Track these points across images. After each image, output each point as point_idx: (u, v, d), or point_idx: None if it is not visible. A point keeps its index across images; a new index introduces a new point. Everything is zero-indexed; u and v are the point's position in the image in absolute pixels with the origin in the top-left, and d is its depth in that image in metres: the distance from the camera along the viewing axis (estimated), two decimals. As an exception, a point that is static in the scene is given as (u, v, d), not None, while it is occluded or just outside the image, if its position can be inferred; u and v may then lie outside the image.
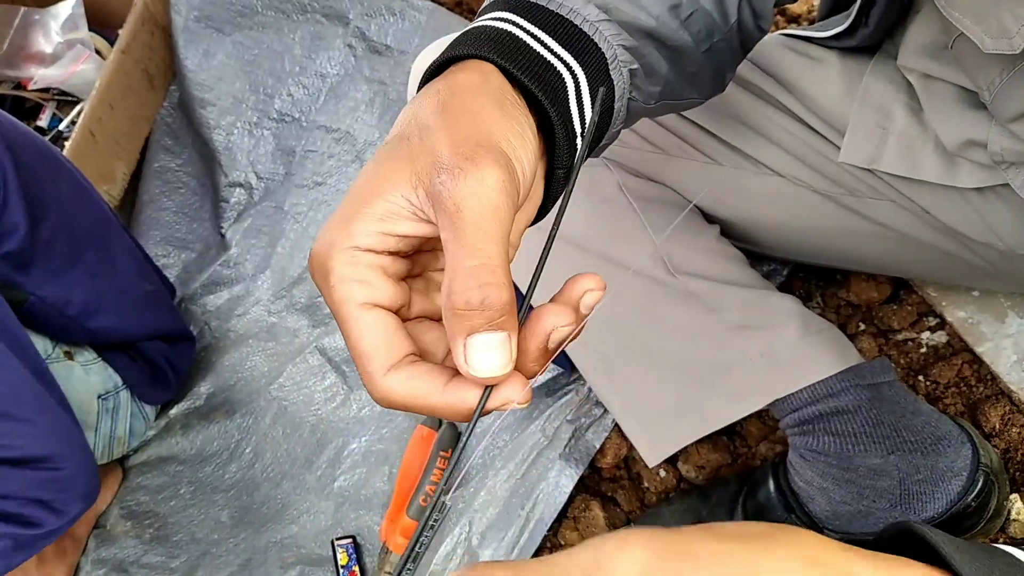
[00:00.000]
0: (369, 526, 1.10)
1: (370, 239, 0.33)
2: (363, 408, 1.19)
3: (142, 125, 1.46)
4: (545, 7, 0.42)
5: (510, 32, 0.39)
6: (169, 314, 1.21)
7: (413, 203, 0.33)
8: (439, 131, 0.33)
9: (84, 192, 1.06)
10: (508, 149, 0.34)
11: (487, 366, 0.31)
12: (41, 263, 0.97)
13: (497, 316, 0.31)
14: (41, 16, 1.43)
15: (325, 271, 0.33)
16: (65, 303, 1.00)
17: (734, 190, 0.83)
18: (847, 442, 0.77)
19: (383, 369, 0.32)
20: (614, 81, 0.43)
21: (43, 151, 0.99)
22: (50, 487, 0.87)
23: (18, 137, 0.94)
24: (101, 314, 1.05)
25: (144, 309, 1.14)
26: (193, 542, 1.17)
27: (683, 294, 0.81)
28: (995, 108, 0.62)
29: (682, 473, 1.00)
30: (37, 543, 0.89)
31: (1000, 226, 0.72)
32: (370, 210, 0.33)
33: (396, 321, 0.33)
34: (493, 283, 0.31)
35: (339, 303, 0.33)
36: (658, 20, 0.47)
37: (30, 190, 0.93)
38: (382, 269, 0.33)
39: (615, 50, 0.43)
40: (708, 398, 0.82)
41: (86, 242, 1.03)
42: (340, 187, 1.35)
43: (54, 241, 0.98)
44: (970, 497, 0.77)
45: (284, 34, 1.42)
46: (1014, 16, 0.53)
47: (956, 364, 0.93)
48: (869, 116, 0.74)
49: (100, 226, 1.07)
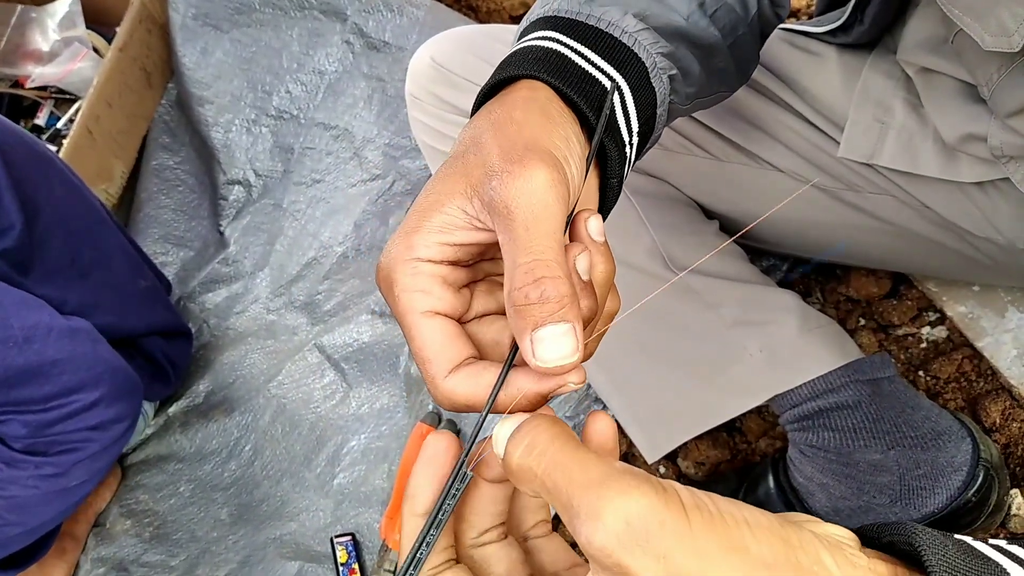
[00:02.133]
0: (368, 523, 1.10)
1: (430, 250, 0.34)
2: (362, 406, 1.18)
3: (140, 123, 1.46)
4: (585, 23, 0.43)
5: (555, 50, 0.41)
6: (165, 310, 1.21)
7: (469, 213, 0.34)
8: (490, 143, 0.35)
9: (76, 190, 1.05)
10: (555, 151, 0.35)
11: (554, 356, 0.31)
12: (38, 262, 0.97)
13: (558, 308, 0.31)
14: (38, 14, 1.43)
15: (389, 283, 0.35)
16: (62, 302, 0.99)
17: (733, 185, 0.83)
18: (847, 438, 0.77)
19: (444, 372, 0.34)
20: (655, 89, 0.44)
21: (32, 150, 0.98)
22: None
23: (7, 136, 0.93)
24: (98, 312, 1.04)
25: (140, 305, 1.14)
26: (192, 540, 1.17)
27: (682, 290, 0.80)
28: (994, 103, 0.62)
29: (681, 469, 1.00)
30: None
31: (1000, 221, 0.72)
32: (429, 223, 0.34)
33: (456, 327, 0.35)
34: (549, 276, 0.31)
35: (403, 312, 0.34)
36: (689, 20, 0.49)
37: (22, 188, 0.92)
38: (442, 279, 0.35)
39: (654, 59, 0.44)
40: (707, 394, 0.81)
41: (80, 240, 1.03)
42: (338, 184, 1.35)
43: (48, 240, 0.97)
44: (970, 492, 0.77)
45: (282, 31, 1.41)
46: (1013, 15, 0.53)
47: (956, 359, 0.93)
48: (868, 111, 0.73)
49: (93, 224, 1.07)
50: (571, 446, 0.28)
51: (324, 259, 1.31)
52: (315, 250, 1.32)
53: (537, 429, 0.29)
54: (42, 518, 0.96)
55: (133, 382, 0.99)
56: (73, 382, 0.90)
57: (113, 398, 0.95)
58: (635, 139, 0.42)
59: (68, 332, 0.91)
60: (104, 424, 0.94)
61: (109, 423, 0.95)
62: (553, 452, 0.28)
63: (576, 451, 0.28)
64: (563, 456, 0.28)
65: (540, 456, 0.28)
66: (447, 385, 0.34)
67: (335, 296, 1.29)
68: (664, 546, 0.24)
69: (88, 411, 0.92)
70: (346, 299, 1.28)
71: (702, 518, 0.25)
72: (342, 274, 1.30)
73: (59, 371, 0.89)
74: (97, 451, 0.95)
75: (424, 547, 0.31)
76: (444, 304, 0.35)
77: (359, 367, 1.21)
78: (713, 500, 0.27)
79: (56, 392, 0.89)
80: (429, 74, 0.80)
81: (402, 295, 0.34)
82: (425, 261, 0.34)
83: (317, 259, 1.32)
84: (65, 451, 0.93)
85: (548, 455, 0.28)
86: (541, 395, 0.33)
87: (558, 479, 0.27)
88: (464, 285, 0.37)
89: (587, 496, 0.26)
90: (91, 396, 0.92)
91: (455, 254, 0.35)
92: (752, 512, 0.26)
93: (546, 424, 0.29)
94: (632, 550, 0.24)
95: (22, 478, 0.90)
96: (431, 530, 0.31)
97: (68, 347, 0.90)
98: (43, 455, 0.91)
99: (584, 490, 0.26)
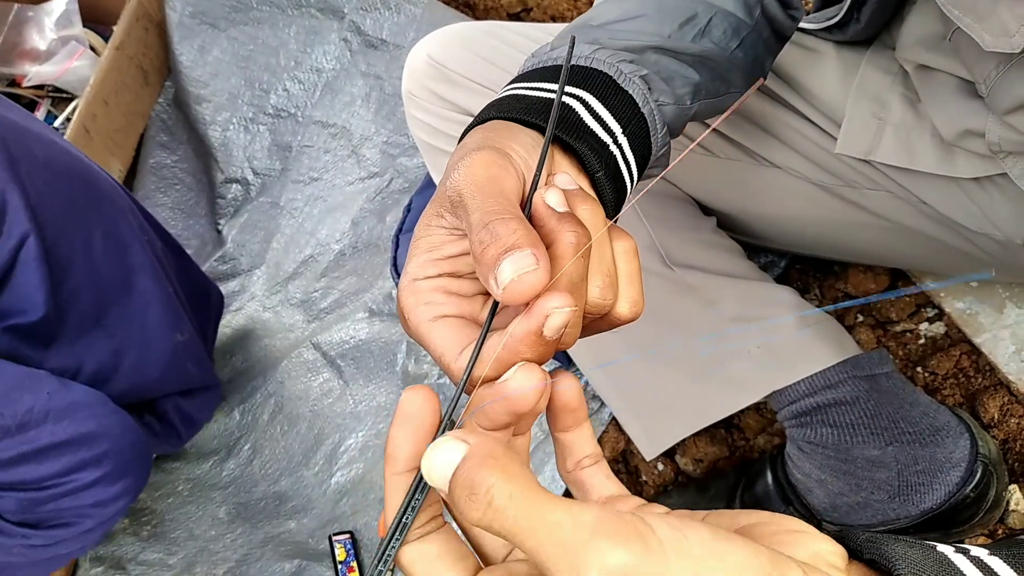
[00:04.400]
0: (367, 522, 1.10)
1: (424, 269, 0.37)
2: (359, 403, 1.18)
3: (137, 122, 1.46)
4: (544, 66, 0.47)
5: (518, 94, 0.45)
6: (196, 366, 1.07)
7: (446, 227, 0.37)
8: (451, 163, 0.38)
9: (123, 231, 0.90)
10: (502, 146, 0.38)
11: (511, 272, 0.31)
12: (61, 333, 0.85)
13: (510, 239, 0.32)
14: (35, 13, 1.43)
15: (400, 310, 0.37)
16: (75, 372, 0.88)
17: (731, 182, 0.83)
18: (845, 433, 0.77)
19: (455, 355, 0.35)
20: (629, 91, 0.46)
21: (77, 182, 0.84)
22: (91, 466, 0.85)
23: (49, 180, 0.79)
24: (114, 380, 0.92)
25: (168, 365, 0.99)
26: (191, 538, 1.17)
27: (680, 286, 0.80)
28: (991, 101, 0.62)
29: (680, 466, 1.00)
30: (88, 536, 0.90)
31: (998, 216, 0.72)
32: (418, 250, 0.37)
33: (463, 321, 0.36)
34: (497, 219, 0.33)
35: (415, 328, 0.36)
36: (668, 38, 0.51)
37: (55, 252, 0.80)
38: (443, 289, 0.37)
39: (618, 67, 0.46)
40: (705, 391, 0.81)
41: (111, 298, 0.89)
42: (336, 182, 1.35)
43: (73, 303, 0.84)
44: (968, 488, 0.77)
45: (279, 29, 1.41)
46: (1014, 15, 0.53)
47: (954, 355, 0.93)
48: (865, 107, 0.73)
49: (129, 270, 0.91)
50: (530, 499, 0.25)
51: (321, 257, 1.31)
52: (312, 248, 1.32)
53: (491, 485, 0.26)
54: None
55: (141, 455, 0.91)
56: (72, 463, 0.83)
57: (116, 476, 0.88)
58: (621, 139, 0.43)
59: (69, 409, 0.83)
60: (103, 502, 0.88)
61: (109, 501, 0.88)
62: (514, 514, 0.25)
63: (538, 507, 0.25)
64: (525, 518, 0.25)
65: (501, 518, 0.25)
66: (458, 365, 0.34)
67: (332, 294, 1.29)
68: None
69: (86, 490, 0.85)
70: (343, 297, 1.28)
71: (681, 566, 0.24)
72: (339, 272, 1.30)
73: (57, 454, 0.82)
74: (92, 527, 0.89)
75: (410, 511, 0.31)
76: (449, 309, 0.36)
77: (356, 364, 1.21)
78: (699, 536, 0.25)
79: (52, 474, 0.82)
80: (426, 71, 0.80)
81: (410, 314, 0.36)
82: (423, 279, 0.37)
83: (314, 257, 1.32)
84: (58, 526, 0.87)
85: (509, 517, 0.25)
86: (531, 333, 0.31)
87: (525, 542, 0.25)
88: (475, 294, 0.38)
89: (562, 565, 0.24)
90: (92, 475, 0.85)
91: (450, 266, 0.37)
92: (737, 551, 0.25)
93: (499, 477, 0.26)
94: None
95: (8, 546, 0.85)
96: (416, 494, 0.31)
97: (68, 428, 0.82)
98: (34, 528, 0.86)
99: (557, 557, 0.24)
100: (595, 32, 0.50)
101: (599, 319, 0.37)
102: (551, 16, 1.35)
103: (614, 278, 0.37)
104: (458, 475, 0.26)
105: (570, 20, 1.31)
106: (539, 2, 1.35)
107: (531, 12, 1.36)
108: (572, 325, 0.33)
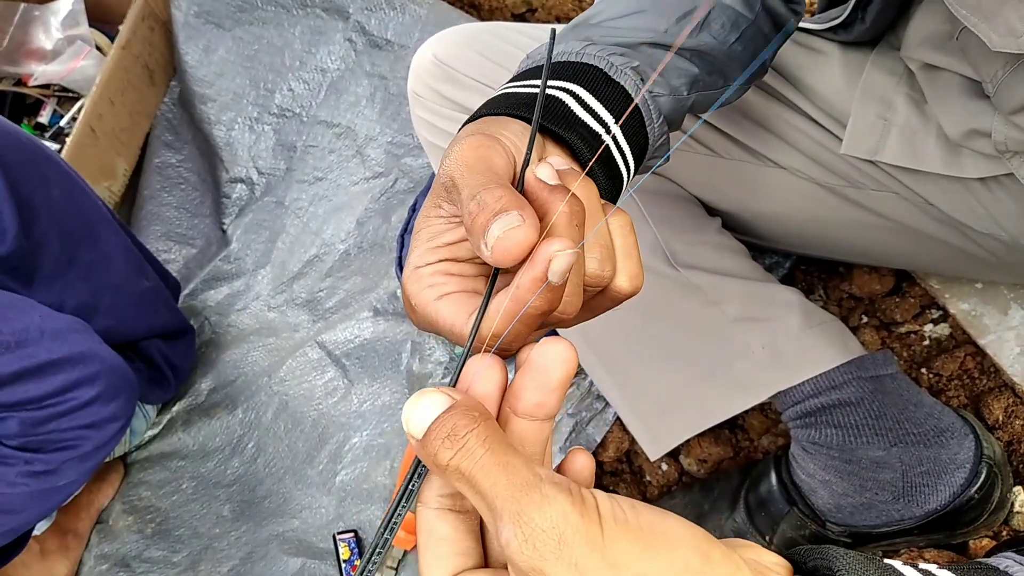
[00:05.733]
0: (371, 520, 1.10)
1: (425, 256, 0.38)
2: (364, 403, 1.19)
3: (143, 121, 1.46)
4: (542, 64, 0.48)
5: (508, 91, 0.46)
6: (168, 310, 1.19)
7: (444, 216, 0.38)
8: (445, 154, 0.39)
9: (76, 189, 1.03)
10: (493, 133, 0.39)
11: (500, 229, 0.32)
12: (38, 268, 0.95)
13: (496, 206, 0.33)
14: (41, 12, 1.43)
15: (406, 298, 0.38)
16: (60, 305, 0.96)
17: (736, 183, 0.83)
18: (849, 434, 0.77)
19: (464, 322, 0.36)
20: (621, 83, 0.46)
21: (30, 149, 0.96)
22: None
23: (2, 137, 0.91)
24: (96, 317, 1.01)
25: (141, 307, 1.11)
26: (195, 536, 1.17)
27: (685, 287, 0.80)
28: (998, 100, 0.62)
29: (684, 467, 1.00)
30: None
31: (1003, 217, 0.72)
32: (419, 241, 0.39)
33: (469, 294, 0.37)
34: (484, 190, 0.33)
35: (422, 310, 0.37)
36: (665, 33, 0.51)
37: (18, 192, 0.90)
38: (444, 272, 0.38)
39: (608, 60, 0.47)
40: (710, 391, 0.81)
41: (78, 242, 1.00)
42: (340, 182, 1.35)
43: (45, 244, 0.95)
44: (973, 489, 0.76)
45: (284, 29, 1.41)
46: (1020, 16, 0.53)
47: (959, 356, 0.93)
48: (871, 108, 0.73)
49: (92, 224, 1.04)
50: (500, 448, 0.28)
51: (326, 256, 1.32)
52: (317, 247, 1.33)
53: (471, 429, 0.28)
54: (25, 519, 0.94)
55: (129, 380, 0.98)
56: (69, 381, 0.89)
57: (109, 396, 0.93)
58: (615, 129, 0.44)
59: (61, 332, 0.90)
60: (99, 423, 0.93)
61: (104, 422, 0.94)
62: (483, 454, 0.28)
63: (504, 454, 0.28)
64: (491, 459, 0.27)
65: (470, 458, 0.28)
66: (468, 329, 0.35)
67: (337, 293, 1.29)
68: (576, 554, 0.25)
69: (83, 409, 0.91)
70: (348, 296, 1.28)
71: (617, 528, 0.26)
72: (344, 271, 1.30)
73: (54, 371, 0.87)
74: (90, 450, 0.93)
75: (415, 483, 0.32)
76: (451, 287, 0.37)
77: (360, 364, 1.21)
78: (636, 510, 0.27)
79: (51, 391, 0.87)
80: (432, 71, 0.80)
81: (416, 298, 0.37)
82: (424, 266, 0.38)
83: (319, 256, 1.32)
84: (58, 448, 0.91)
85: (477, 457, 0.27)
86: (536, 280, 0.32)
87: (482, 481, 0.27)
88: (476, 275, 0.39)
89: (509, 502, 0.26)
90: (87, 394, 0.90)
91: (450, 252, 0.38)
92: (678, 526, 0.27)
93: (482, 427, 0.28)
94: (546, 556, 0.25)
95: (10, 475, 0.89)
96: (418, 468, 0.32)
97: (62, 347, 0.88)
98: (35, 452, 0.90)
99: (507, 495, 0.26)
100: (591, 29, 0.51)
101: (600, 294, 0.38)
102: (556, 16, 1.35)
103: (611, 251, 0.37)
104: (441, 419, 0.29)
105: (575, 20, 1.31)
106: (544, 2, 1.35)
107: (536, 12, 1.37)
108: (573, 295, 0.35)
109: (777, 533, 0.85)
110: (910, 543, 0.83)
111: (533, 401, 0.32)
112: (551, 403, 0.32)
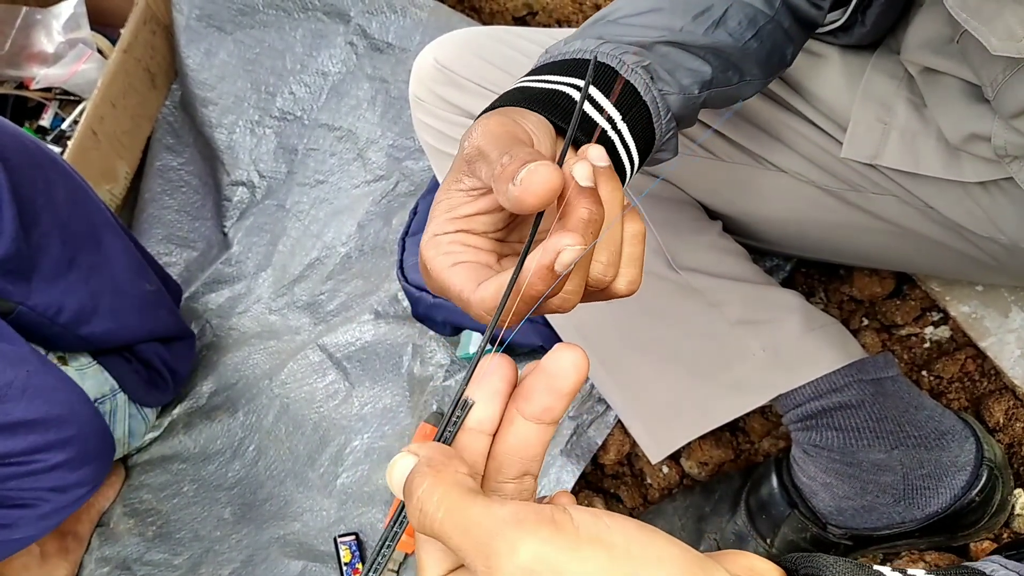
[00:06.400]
0: (372, 523, 1.10)
1: (444, 226, 0.41)
2: (365, 405, 1.19)
3: (144, 124, 1.46)
4: (553, 61, 0.50)
5: (524, 85, 0.48)
6: (168, 314, 1.18)
7: (464, 189, 0.41)
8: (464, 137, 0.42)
9: (79, 192, 1.02)
10: (516, 118, 0.42)
11: (528, 170, 0.34)
12: (37, 269, 0.94)
13: (527, 158, 0.35)
14: (43, 16, 1.44)
15: (422, 262, 0.41)
16: (57, 311, 0.96)
17: (736, 186, 0.83)
18: (850, 437, 0.77)
19: (473, 289, 0.38)
20: (631, 81, 0.48)
21: (33, 152, 0.96)
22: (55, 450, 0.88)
23: (7, 139, 0.91)
24: (95, 319, 1.01)
25: (141, 311, 1.11)
26: (196, 539, 1.17)
27: (685, 290, 0.80)
28: (998, 104, 0.62)
29: (685, 469, 1.00)
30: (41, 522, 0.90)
31: (1003, 220, 0.72)
32: (438, 212, 0.41)
33: (480, 264, 0.40)
34: (512, 152, 0.36)
35: (436, 274, 0.40)
36: (680, 31, 0.53)
37: (20, 193, 0.89)
38: (460, 242, 0.41)
39: (620, 59, 0.49)
40: (711, 394, 0.81)
41: (79, 244, 1.00)
42: (341, 185, 1.36)
43: (46, 246, 0.94)
44: (974, 492, 0.77)
45: (285, 32, 1.42)
46: (1021, 20, 0.53)
47: (960, 359, 0.93)
48: (871, 111, 0.73)
49: (94, 227, 1.04)
50: (457, 505, 0.27)
51: (327, 259, 1.32)
52: (318, 251, 1.33)
53: (428, 494, 0.28)
54: None
55: (105, 445, 0.95)
56: (39, 443, 0.86)
57: (79, 462, 0.90)
58: (621, 125, 0.46)
59: (45, 390, 0.87)
60: (64, 487, 0.90)
61: (70, 486, 0.91)
62: (441, 517, 0.27)
63: (461, 511, 0.27)
64: (449, 521, 0.27)
65: (431, 523, 0.28)
66: (477, 295, 0.37)
67: (338, 296, 1.29)
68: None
69: (48, 472, 0.87)
70: (349, 299, 1.28)
71: (594, 552, 0.26)
72: (345, 275, 1.30)
73: (25, 431, 0.85)
74: (48, 511, 0.91)
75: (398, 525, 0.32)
76: (467, 256, 0.40)
77: (361, 367, 1.21)
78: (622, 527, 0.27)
79: (18, 451, 0.84)
80: (433, 76, 0.80)
81: (431, 263, 0.40)
82: (442, 235, 0.40)
83: (320, 259, 1.32)
84: (16, 506, 0.89)
85: (438, 520, 0.27)
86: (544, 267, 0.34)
87: (450, 542, 0.27)
88: (489, 250, 0.41)
89: (479, 558, 0.26)
90: (55, 458, 0.87)
91: (467, 224, 0.41)
92: (660, 545, 0.26)
93: (429, 483, 0.28)
94: None
95: None
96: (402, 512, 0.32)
97: (40, 407, 0.86)
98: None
99: (474, 552, 0.26)
100: (607, 27, 0.53)
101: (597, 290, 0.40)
102: (556, 20, 1.35)
103: (618, 258, 0.39)
104: (405, 487, 0.29)
105: (575, 24, 1.32)
106: (544, 6, 1.35)
107: (536, 16, 1.37)
108: (573, 292, 0.37)
109: (778, 536, 0.85)
110: (911, 545, 0.83)
111: (542, 405, 0.32)
112: (559, 408, 0.32)
